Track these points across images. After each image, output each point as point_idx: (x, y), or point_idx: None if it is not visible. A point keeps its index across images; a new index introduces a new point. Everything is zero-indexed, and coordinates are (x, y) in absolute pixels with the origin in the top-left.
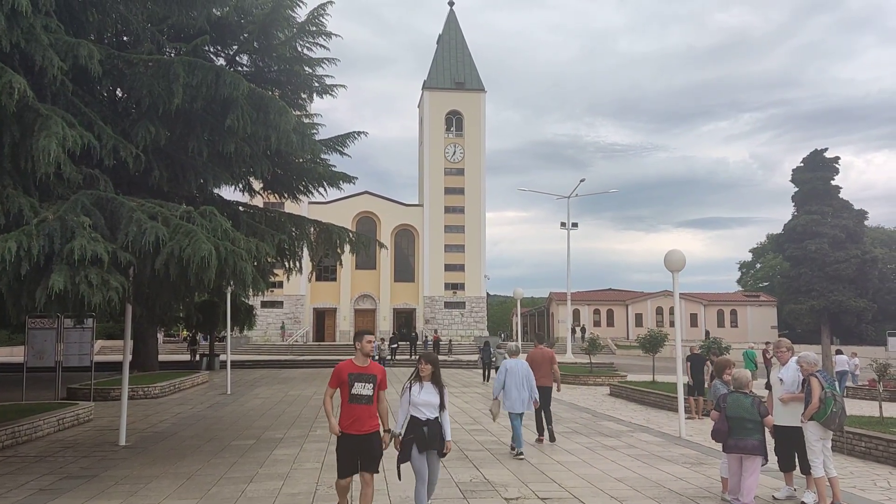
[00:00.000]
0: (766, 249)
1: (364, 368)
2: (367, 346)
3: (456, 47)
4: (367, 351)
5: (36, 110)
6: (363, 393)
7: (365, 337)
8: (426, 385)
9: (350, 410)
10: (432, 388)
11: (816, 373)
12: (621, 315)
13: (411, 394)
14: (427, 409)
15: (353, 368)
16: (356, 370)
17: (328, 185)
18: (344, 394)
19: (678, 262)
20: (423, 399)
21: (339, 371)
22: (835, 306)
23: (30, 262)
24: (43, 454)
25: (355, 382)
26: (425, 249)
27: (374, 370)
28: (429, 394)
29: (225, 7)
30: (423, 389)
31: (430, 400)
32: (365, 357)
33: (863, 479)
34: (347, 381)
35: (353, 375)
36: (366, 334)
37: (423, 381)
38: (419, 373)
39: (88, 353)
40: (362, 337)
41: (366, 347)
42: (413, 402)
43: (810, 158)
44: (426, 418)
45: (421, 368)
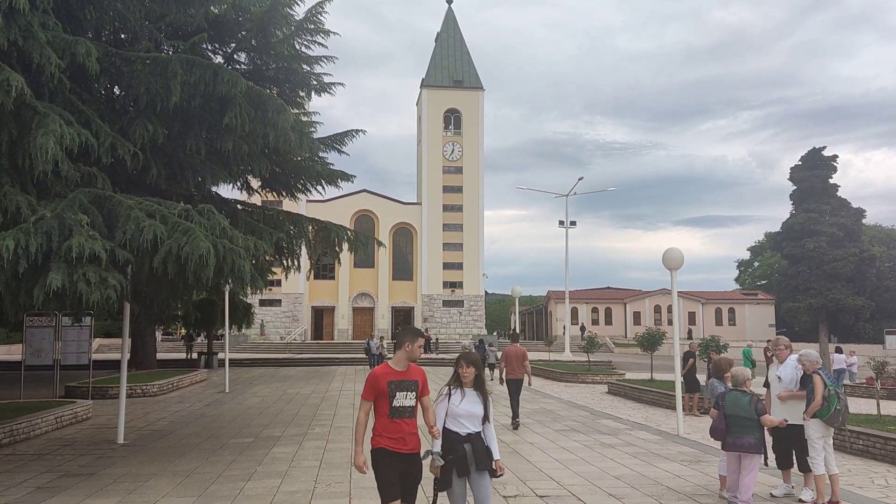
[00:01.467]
0: (765, 248)
1: (404, 374)
2: (417, 350)
3: (454, 45)
4: (416, 356)
5: (33, 108)
6: (406, 404)
7: (419, 339)
8: (468, 392)
9: (390, 427)
10: (475, 395)
11: (819, 370)
12: (619, 313)
13: (450, 403)
14: (469, 421)
15: (392, 375)
16: (396, 376)
17: (326, 183)
18: (382, 407)
19: (676, 261)
20: (464, 409)
21: (376, 379)
22: (833, 304)
23: (28, 260)
24: (41, 452)
25: (396, 392)
26: (423, 248)
27: (414, 375)
28: (471, 403)
29: (223, 5)
30: (466, 398)
31: (473, 410)
32: (407, 360)
33: (861, 476)
34: (387, 390)
35: (393, 384)
36: (419, 336)
37: (464, 386)
38: (460, 377)
39: (86, 352)
40: (415, 338)
41: (415, 353)
42: (452, 412)
43: (808, 157)
44: (467, 433)
45: (462, 372)
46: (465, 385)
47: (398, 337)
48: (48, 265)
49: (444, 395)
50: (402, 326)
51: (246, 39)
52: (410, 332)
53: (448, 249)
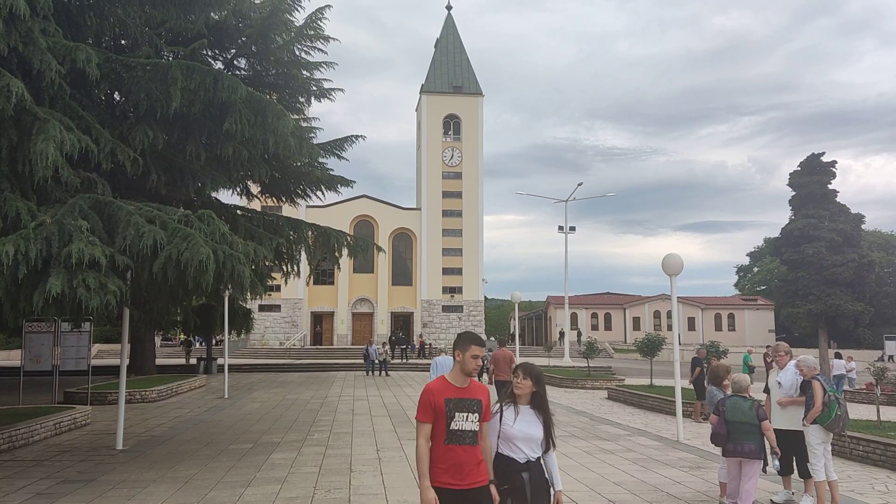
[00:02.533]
0: (764, 253)
1: (465, 391)
2: (472, 362)
3: (454, 51)
4: (472, 369)
5: (34, 114)
6: (467, 428)
7: (472, 347)
8: (524, 410)
9: (446, 456)
10: (533, 414)
11: (818, 376)
12: (619, 319)
13: (503, 423)
14: (526, 445)
15: (450, 391)
16: (454, 393)
17: (326, 188)
18: (438, 430)
19: (676, 266)
20: (519, 430)
21: (432, 395)
22: (832, 310)
23: (27, 265)
24: (40, 458)
25: (455, 413)
26: (423, 253)
27: (477, 392)
28: (528, 423)
29: (223, 11)
30: (520, 416)
31: (531, 433)
32: (465, 375)
33: (861, 482)
34: (445, 410)
35: (451, 402)
36: (473, 343)
37: (518, 403)
38: (513, 390)
39: (85, 357)
40: (468, 346)
41: (469, 364)
42: (505, 434)
43: (807, 162)
44: (525, 460)
45: (517, 384)
46: (519, 401)
47: (453, 346)
48: (48, 271)
49: (495, 413)
50: (400, 332)
51: (246, 45)
52: (462, 339)
53: (447, 255)
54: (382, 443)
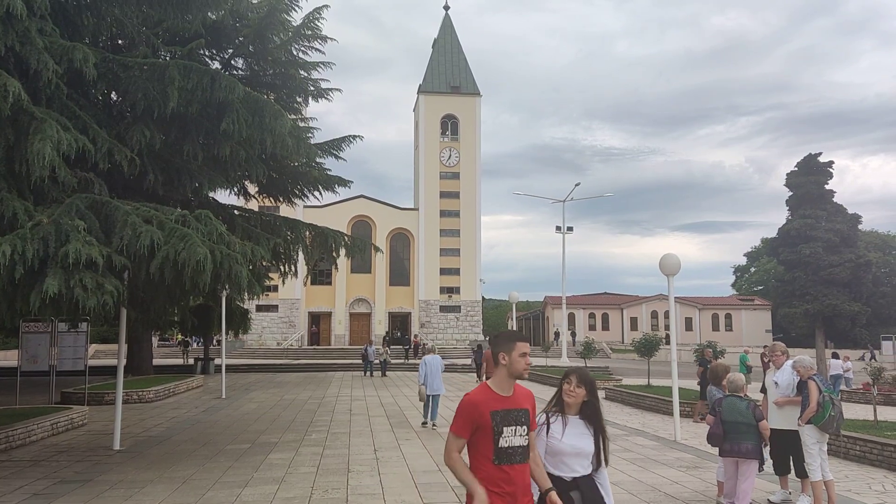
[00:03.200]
0: (761, 253)
1: (511, 400)
2: (521, 361)
3: (451, 51)
4: (522, 370)
5: (31, 114)
6: (517, 444)
7: (518, 345)
8: (573, 421)
9: (496, 477)
10: (583, 426)
11: (813, 376)
12: (616, 319)
13: (549, 435)
14: (576, 461)
15: (495, 402)
16: (500, 403)
17: (323, 188)
18: (484, 447)
19: (673, 266)
20: (569, 445)
21: (474, 407)
22: (829, 310)
23: (24, 265)
24: (37, 459)
25: (503, 427)
26: (420, 253)
27: (523, 400)
28: (578, 436)
29: (220, 11)
30: (569, 428)
31: (581, 446)
32: (513, 378)
33: (858, 482)
34: (491, 424)
35: (498, 415)
36: (519, 340)
37: (567, 413)
38: (562, 397)
39: (82, 357)
40: (513, 344)
41: (518, 365)
42: (552, 449)
43: (804, 163)
44: (573, 476)
45: (568, 392)
46: (568, 410)
47: (492, 349)
48: (45, 271)
49: (541, 425)
50: (398, 331)
51: (243, 45)
52: (504, 338)
53: (445, 255)
54: (380, 443)
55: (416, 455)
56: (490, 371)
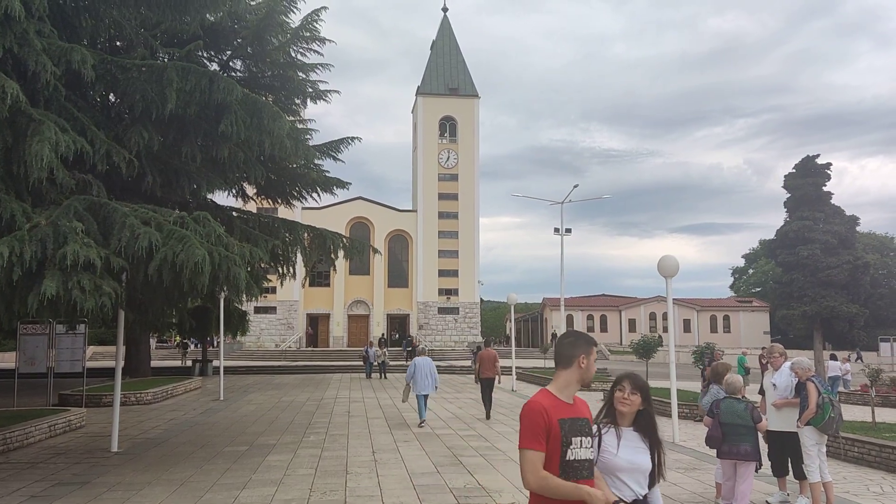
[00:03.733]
0: (759, 255)
1: (575, 408)
2: (594, 369)
3: (450, 53)
4: (591, 378)
5: (29, 115)
6: (583, 457)
7: (594, 350)
8: (627, 434)
9: None
10: (638, 438)
11: (812, 378)
12: (615, 321)
13: (602, 450)
14: (632, 478)
15: (562, 409)
16: (567, 412)
17: (322, 190)
18: (550, 462)
19: (672, 268)
20: (625, 460)
21: (545, 414)
22: (827, 312)
23: (22, 267)
24: (35, 461)
25: (571, 438)
26: (419, 255)
27: (584, 409)
28: (634, 450)
29: (219, 12)
30: (624, 441)
31: (638, 462)
32: (577, 386)
33: (856, 484)
34: (560, 434)
35: (566, 424)
36: (594, 345)
37: (620, 424)
38: (614, 405)
39: (80, 359)
40: (590, 348)
41: (592, 370)
42: (605, 465)
43: (802, 164)
44: (633, 498)
45: (622, 400)
46: (621, 421)
47: (563, 348)
48: (42, 273)
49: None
50: (397, 333)
51: (242, 47)
52: (583, 340)
53: (443, 257)
54: (378, 445)
55: (415, 457)
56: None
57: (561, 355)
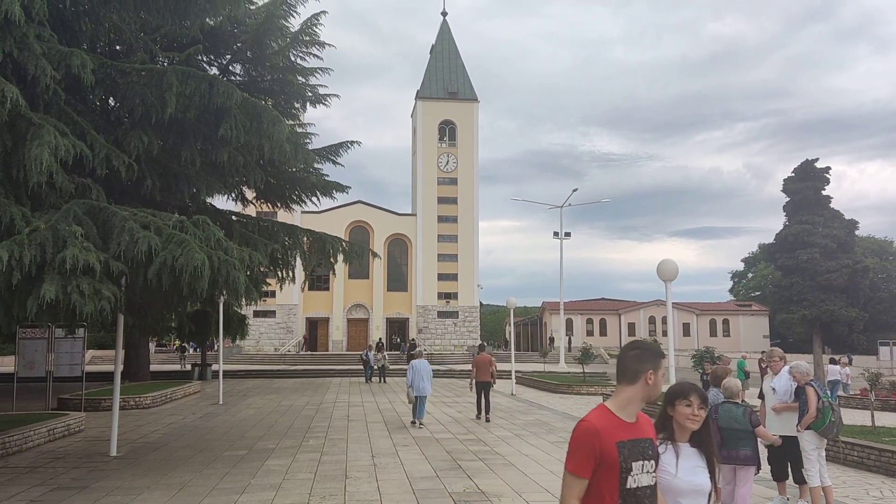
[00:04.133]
0: (758, 259)
1: (636, 428)
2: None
3: (449, 57)
4: (655, 395)
5: (28, 119)
6: (645, 483)
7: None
8: (685, 451)
9: None
10: (696, 456)
11: (811, 382)
12: (614, 324)
13: (660, 470)
14: (693, 501)
15: (620, 429)
16: (627, 432)
17: (321, 194)
18: (607, 489)
19: (671, 272)
20: (686, 480)
21: (597, 437)
22: (826, 316)
23: (21, 271)
24: (33, 465)
25: (631, 462)
26: (418, 259)
27: (648, 429)
28: (694, 469)
29: (218, 17)
30: (683, 459)
31: (699, 483)
32: (641, 403)
33: (856, 488)
34: (618, 459)
35: (625, 447)
36: (662, 357)
37: (677, 440)
38: (675, 421)
39: (79, 363)
40: (658, 361)
41: (658, 388)
42: (667, 487)
43: (801, 168)
44: None
45: (688, 416)
46: (677, 437)
47: (628, 360)
48: (42, 277)
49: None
50: (397, 337)
51: (241, 51)
52: (651, 353)
53: (443, 260)
54: (378, 449)
55: (415, 461)
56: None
57: (625, 369)
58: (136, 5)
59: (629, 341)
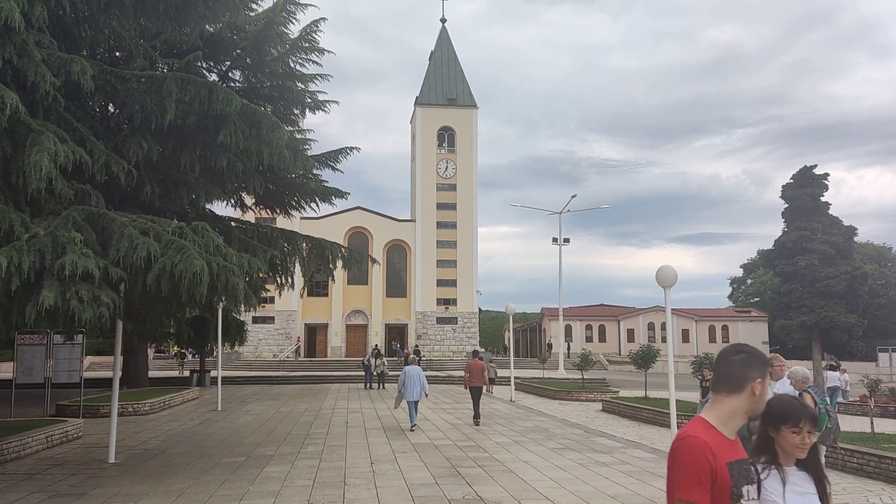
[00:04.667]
0: (757, 265)
1: (738, 447)
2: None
3: (448, 64)
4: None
5: (28, 126)
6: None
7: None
8: (793, 474)
9: None
10: (805, 480)
11: (809, 388)
12: (613, 330)
13: (763, 497)
14: None
15: (727, 448)
16: (732, 452)
17: (320, 200)
18: None
19: (670, 278)
20: None
21: (707, 452)
22: (825, 322)
23: (20, 277)
24: (31, 472)
25: (743, 484)
26: (417, 265)
27: (741, 448)
28: (803, 497)
29: (218, 23)
30: (791, 486)
31: None
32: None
33: (855, 495)
34: (730, 484)
35: (735, 468)
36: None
37: (783, 464)
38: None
39: (78, 370)
40: (766, 369)
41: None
42: None
43: (800, 175)
44: None
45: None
46: (783, 461)
47: (731, 366)
48: (41, 283)
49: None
50: (395, 342)
51: (241, 57)
52: (758, 360)
53: (442, 266)
54: (376, 456)
55: (414, 468)
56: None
57: (728, 376)
58: (136, 12)
59: (731, 344)
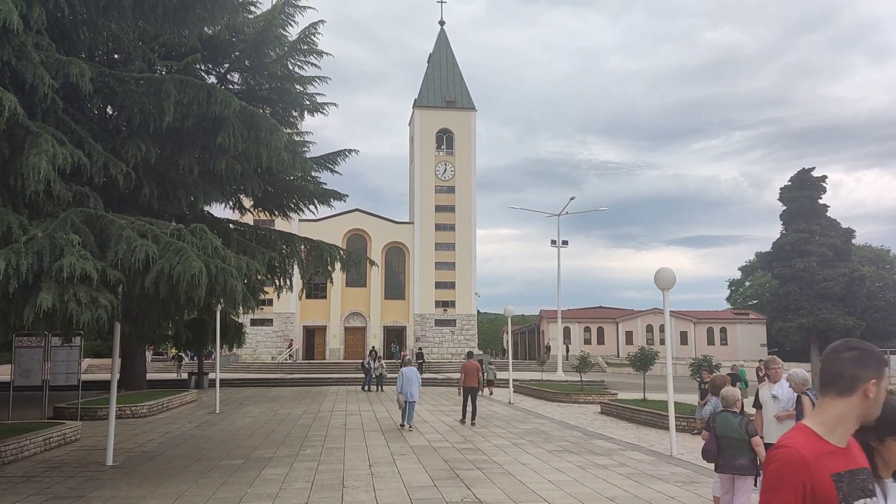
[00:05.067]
0: (755, 267)
1: (850, 456)
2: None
3: (446, 66)
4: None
5: (26, 128)
6: None
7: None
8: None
9: None
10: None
11: (807, 391)
12: (611, 333)
13: None
14: None
15: (833, 458)
16: (843, 461)
17: (319, 202)
18: None
19: (668, 280)
20: None
21: (802, 468)
22: (823, 324)
23: (18, 279)
24: (29, 474)
25: (853, 501)
26: (416, 267)
27: (860, 455)
28: None
29: (217, 26)
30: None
31: None
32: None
33: None
34: (836, 498)
35: (843, 480)
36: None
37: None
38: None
39: (76, 372)
40: (882, 369)
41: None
42: None
43: (798, 177)
44: None
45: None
46: (882, 472)
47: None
48: (39, 285)
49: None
50: (395, 345)
51: (239, 60)
52: (873, 358)
53: (440, 269)
54: (375, 458)
55: (412, 470)
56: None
57: (839, 376)
58: (135, 14)
59: (840, 340)
